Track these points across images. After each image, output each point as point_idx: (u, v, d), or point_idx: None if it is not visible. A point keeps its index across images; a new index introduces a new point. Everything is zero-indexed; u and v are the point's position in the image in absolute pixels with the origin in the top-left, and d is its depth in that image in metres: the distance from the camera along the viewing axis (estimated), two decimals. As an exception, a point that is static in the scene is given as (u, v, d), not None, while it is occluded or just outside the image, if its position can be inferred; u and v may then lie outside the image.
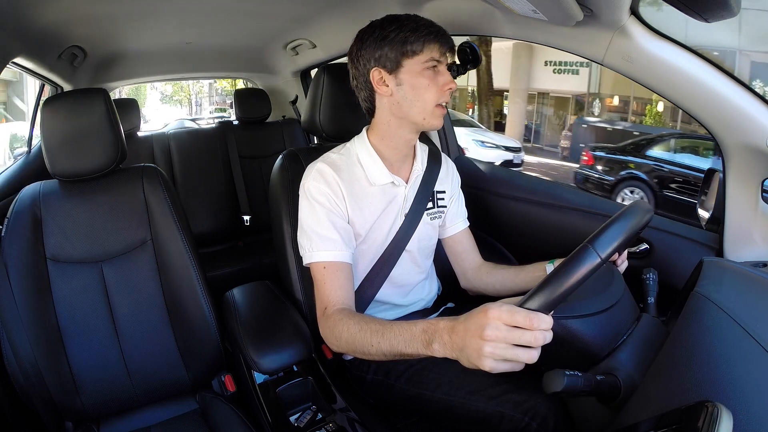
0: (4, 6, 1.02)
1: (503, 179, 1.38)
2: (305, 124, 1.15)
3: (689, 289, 0.68)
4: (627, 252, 0.86)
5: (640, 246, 1.03)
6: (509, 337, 0.53)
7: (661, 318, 0.75)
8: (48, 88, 1.76)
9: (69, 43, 1.51)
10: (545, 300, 0.55)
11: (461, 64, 1.16)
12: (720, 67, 0.83)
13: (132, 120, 2.12)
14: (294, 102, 2.49)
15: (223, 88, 18.83)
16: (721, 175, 0.93)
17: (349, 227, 0.90)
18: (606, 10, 0.81)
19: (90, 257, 1.03)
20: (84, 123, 1.01)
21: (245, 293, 1.11)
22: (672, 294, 0.81)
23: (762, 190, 0.87)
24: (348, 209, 0.90)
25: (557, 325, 0.60)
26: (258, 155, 2.27)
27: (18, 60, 1.27)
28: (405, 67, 0.86)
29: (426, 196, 0.99)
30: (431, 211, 1.01)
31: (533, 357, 0.54)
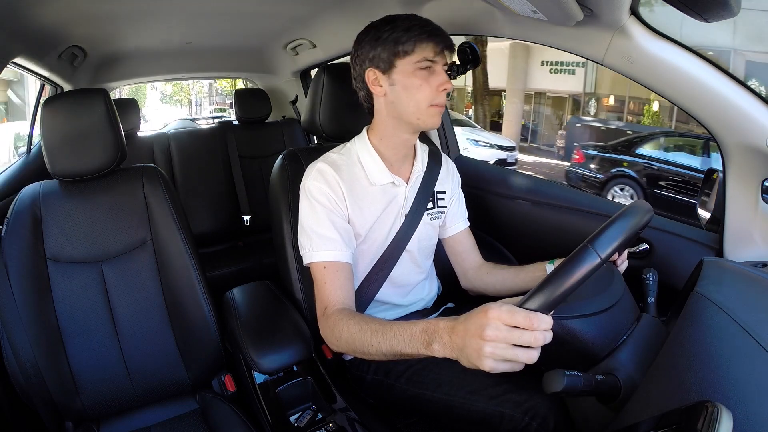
0: (3, 6, 1.02)
1: (503, 179, 1.38)
2: (305, 124, 1.15)
3: (689, 289, 0.68)
4: (627, 252, 0.86)
5: (640, 246, 1.03)
6: (509, 338, 0.53)
7: (661, 318, 0.75)
8: (48, 88, 1.76)
9: (69, 43, 1.51)
10: (545, 300, 0.55)
11: (461, 64, 1.16)
12: (720, 67, 0.83)
13: (132, 120, 2.12)
14: (294, 102, 2.49)
15: (223, 88, 18.81)
16: (721, 175, 0.93)
17: (350, 227, 0.90)
18: (606, 10, 0.81)
19: (90, 257, 1.03)
20: (84, 123, 1.01)
21: (245, 293, 1.11)
22: (672, 294, 0.81)
23: (762, 190, 0.87)
24: (348, 209, 0.90)
25: (557, 325, 0.60)
26: (258, 155, 2.27)
27: (18, 60, 1.27)
28: (398, 68, 0.86)
29: (426, 196, 0.99)
30: (431, 211, 1.01)
31: (533, 357, 0.54)
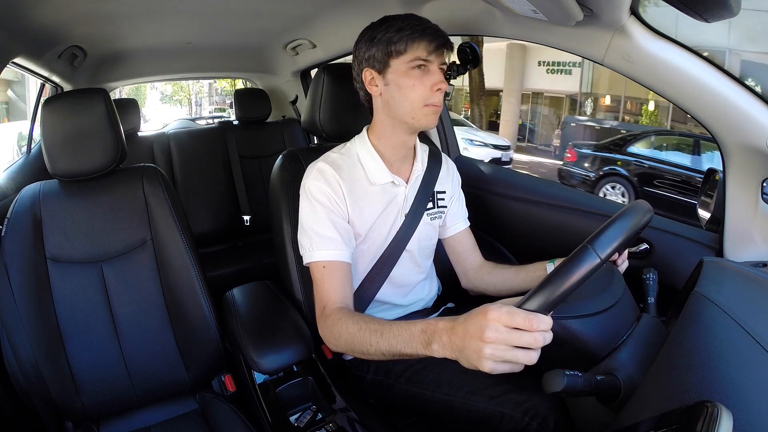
0: (3, 6, 1.02)
1: (503, 179, 1.38)
2: (305, 124, 1.15)
3: (689, 289, 0.68)
4: (627, 252, 0.86)
5: (640, 246, 1.03)
6: (509, 339, 0.53)
7: (661, 318, 0.75)
8: (48, 87, 1.76)
9: (69, 43, 1.50)
10: (545, 300, 0.55)
11: (461, 64, 1.16)
12: (720, 67, 0.83)
13: (132, 120, 2.12)
14: (294, 102, 2.49)
15: (223, 88, 18.82)
16: (721, 175, 0.93)
17: (349, 227, 0.90)
18: (606, 10, 0.81)
19: (90, 257, 1.02)
20: (84, 123, 1.01)
21: (245, 293, 1.11)
22: (672, 294, 0.81)
23: (762, 190, 0.87)
24: (348, 209, 0.90)
25: (557, 326, 0.60)
26: (258, 155, 2.27)
27: (18, 60, 1.27)
28: (392, 67, 0.86)
29: (426, 196, 0.99)
30: (431, 211, 1.01)
31: (533, 358, 0.54)
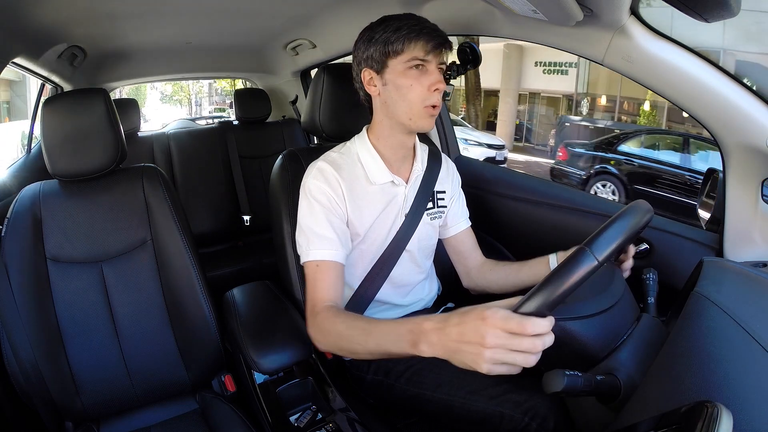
0: (3, 6, 1.02)
1: (503, 179, 1.38)
2: (305, 124, 1.15)
3: (689, 289, 0.68)
4: (632, 249, 0.85)
5: (640, 246, 1.03)
6: (509, 344, 0.53)
7: (661, 318, 0.75)
8: (48, 87, 1.76)
9: (69, 43, 1.50)
10: (541, 303, 0.55)
11: (461, 64, 1.16)
12: (720, 67, 0.83)
13: (132, 120, 2.12)
14: (294, 102, 2.49)
15: (223, 88, 18.82)
16: (721, 175, 0.93)
17: (347, 229, 0.90)
18: (606, 10, 0.81)
19: (90, 257, 1.02)
20: (84, 123, 1.01)
21: (245, 293, 1.11)
22: (672, 294, 0.81)
23: (762, 190, 0.87)
24: (348, 208, 0.90)
25: (556, 327, 0.60)
26: (258, 155, 2.27)
27: (18, 60, 1.27)
28: (389, 68, 0.86)
29: (426, 196, 0.99)
30: (431, 211, 1.01)
31: (530, 362, 0.53)
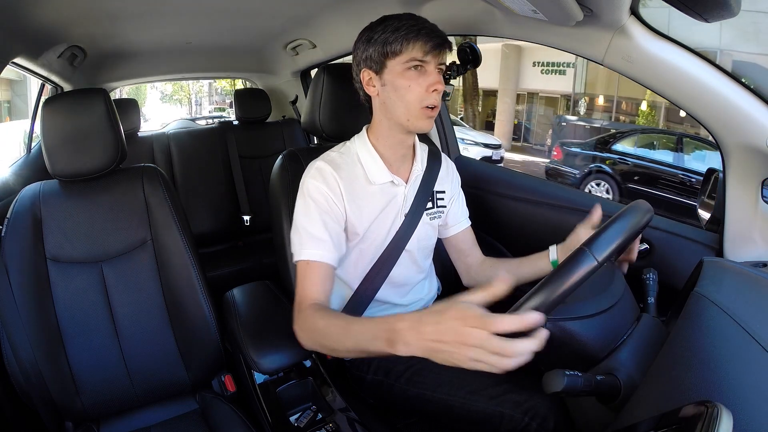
0: (3, 6, 1.02)
1: (503, 179, 1.38)
2: (305, 124, 1.15)
3: (689, 289, 0.68)
4: (636, 245, 0.84)
5: (640, 246, 1.03)
6: (488, 345, 0.52)
7: (661, 318, 0.75)
8: (48, 87, 1.76)
9: (69, 43, 1.50)
10: (540, 303, 0.55)
11: (461, 64, 1.16)
12: (720, 67, 0.83)
13: (132, 120, 2.12)
14: (294, 102, 2.49)
15: (223, 87, 18.81)
16: (721, 175, 0.93)
17: (342, 231, 0.90)
18: (606, 10, 0.81)
19: (90, 257, 1.02)
20: (84, 123, 1.01)
21: (245, 293, 1.11)
22: (672, 294, 0.81)
23: (762, 190, 0.87)
24: (346, 208, 0.90)
25: (556, 328, 0.60)
26: (258, 155, 2.27)
27: (18, 60, 1.27)
28: (388, 68, 0.86)
29: (426, 196, 0.99)
30: (431, 211, 1.01)
31: (507, 365, 0.52)
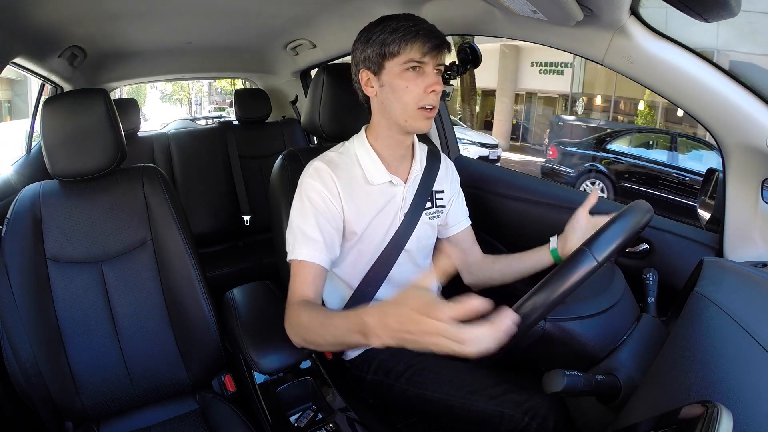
0: (4, 6, 1.02)
1: (503, 179, 1.38)
2: (305, 124, 1.15)
3: (689, 289, 0.68)
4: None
5: (640, 246, 1.03)
6: (447, 333, 0.51)
7: (661, 318, 0.75)
8: (48, 87, 1.75)
9: (69, 43, 1.50)
10: (540, 303, 0.55)
11: (461, 64, 1.15)
12: (720, 67, 0.83)
13: (132, 120, 2.12)
14: (294, 102, 2.49)
15: (223, 87, 18.82)
16: (721, 175, 0.93)
17: (336, 233, 0.90)
18: (606, 10, 0.81)
19: (90, 257, 1.02)
20: (84, 123, 1.01)
21: (245, 293, 1.11)
22: (672, 294, 0.81)
23: (762, 190, 0.87)
24: (344, 207, 0.90)
25: (555, 327, 0.61)
26: (258, 155, 2.27)
27: (18, 60, 1.27)
28: (386, 69, 0.86)
29: (425, 195, 0.99)
30: (430, 211, 1.01)
31: (470, 352, 0.51)
